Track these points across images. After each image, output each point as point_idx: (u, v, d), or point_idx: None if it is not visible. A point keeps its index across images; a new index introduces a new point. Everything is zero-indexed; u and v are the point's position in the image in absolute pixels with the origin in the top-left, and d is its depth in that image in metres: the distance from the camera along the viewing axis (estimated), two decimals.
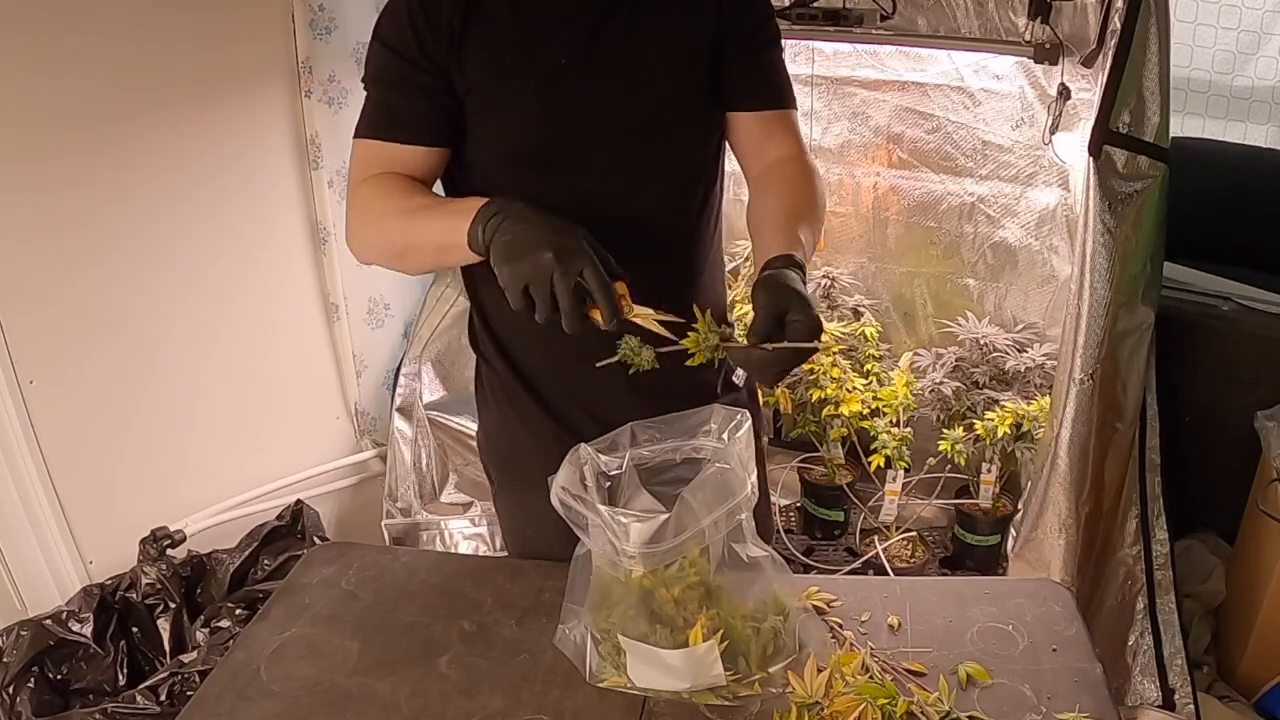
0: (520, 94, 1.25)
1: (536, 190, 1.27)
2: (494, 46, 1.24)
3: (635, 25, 1.27)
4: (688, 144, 1.35)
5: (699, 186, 1.37)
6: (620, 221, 1.29)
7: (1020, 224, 2.33)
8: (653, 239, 1.32)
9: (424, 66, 1.24)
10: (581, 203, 1.28)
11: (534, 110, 1.26)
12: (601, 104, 1.27)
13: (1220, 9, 2.49)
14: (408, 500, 2.60)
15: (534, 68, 1.25)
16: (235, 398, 2.31)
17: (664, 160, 1.33)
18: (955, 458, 2.24)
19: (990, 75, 2.25)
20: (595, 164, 1.28)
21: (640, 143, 1.30)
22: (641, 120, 1.29)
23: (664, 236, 1.35)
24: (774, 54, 1.37)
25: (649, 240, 1.31)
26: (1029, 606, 1.27)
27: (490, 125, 1.27)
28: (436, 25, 1.23)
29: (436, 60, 1.24)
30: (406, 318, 2.66)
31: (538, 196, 1.26)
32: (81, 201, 1.98)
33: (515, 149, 1.28)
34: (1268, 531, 2.06)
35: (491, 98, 1.25)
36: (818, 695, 1.09)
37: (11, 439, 1.93)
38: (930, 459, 2.33)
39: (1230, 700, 2.14)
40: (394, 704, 1.15)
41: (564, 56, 1.25)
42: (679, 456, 1.15)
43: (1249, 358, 2.24)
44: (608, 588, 1.12)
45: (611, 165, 1.29)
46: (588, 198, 1.29)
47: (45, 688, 1.88)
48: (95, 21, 1.91)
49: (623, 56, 1.27)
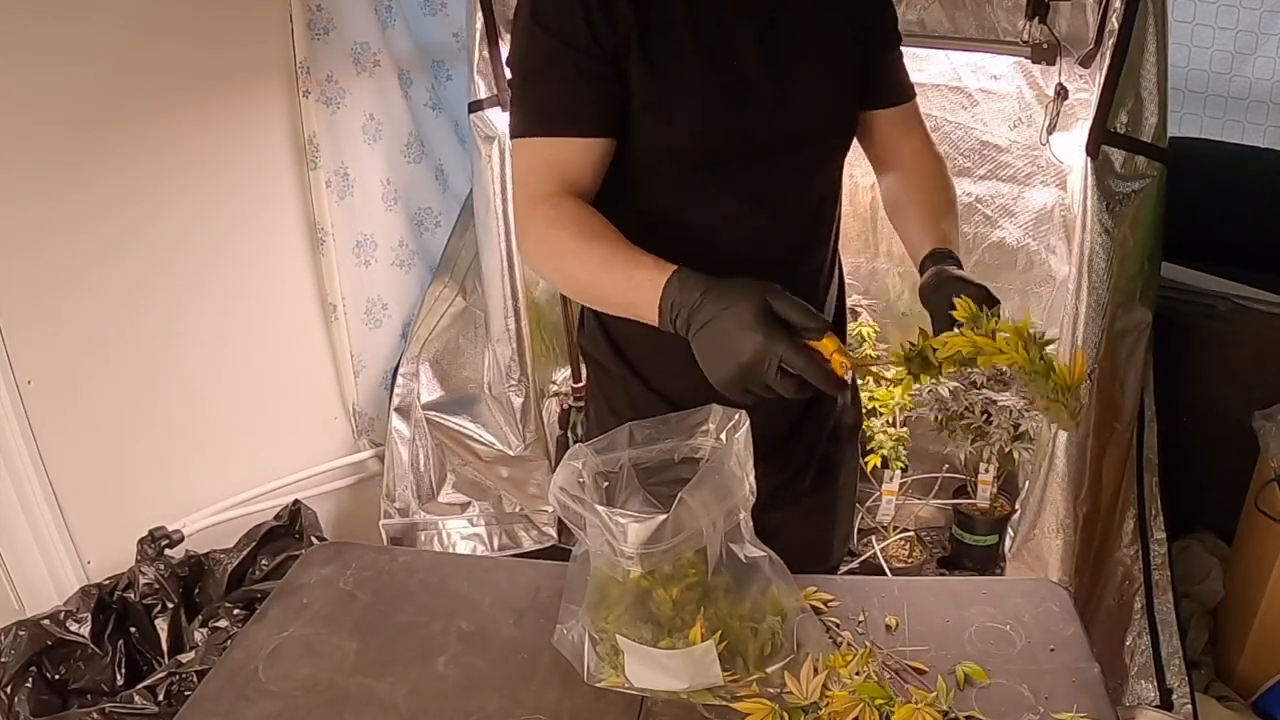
0: (694, 96, 1.22)
1: (696, 195, 1.27)
2: (672, 43, 1.21)
3: (796, 29, 1.27)
4: (841, 147, 1.38)
5: (841, 188, 1.41)
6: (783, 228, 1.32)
7: (1018, 224, 2.33)
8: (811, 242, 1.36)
9: (596, 54, 1.18)
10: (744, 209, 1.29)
11: (706, 114, 1.23)
12: (772, 111, 1.26)
13: (1218, 9, 2.49)
14: (405, 500, 2.60)
15: (712, 67, 1.23)
16: (233, 398, 2.31)
17: (823, 165, 1.35)
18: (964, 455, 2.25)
19: (988, 75, 2.25)
20: (760, 170, 1.28)
21: (805, 149, 1.31)
22: (811, 124, 1.30)
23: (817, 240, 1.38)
24: (899, 52, 1.42)
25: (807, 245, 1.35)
26: (1027, 606, 1.27)
27: (661, 124, 1.23)
28: (611, 15, 1.18)
29: (610, 50, 1.18)
30: (404, 318, 2.66)
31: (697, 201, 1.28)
32: (78, 202, 1.97)
33: (690, 148, 1.25)
34: (1266, 531, 2.06)
35: (665, 97, 1.22)
36: (814, 697, 1.09)
37: (10, 439, 1.93)
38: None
39: (1228, 700, 2.14)
40: (392, 704, 1.15)
41: (736, 58, 1.24)
42: (677, 456, 1.14)
43: (1247, 358, 2.25)
44: (606, 588, 1.12)
45: (776, 172, 1.29)
46: (757, 200, 1.29)
47: (43, 688, 1.87)
48: (92, 21, 1.91)
49: (789, 60, 1.27)
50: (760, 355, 1.00)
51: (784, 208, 1.31)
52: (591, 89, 1.19)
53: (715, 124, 1.24)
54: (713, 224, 1.28)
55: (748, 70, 1.24)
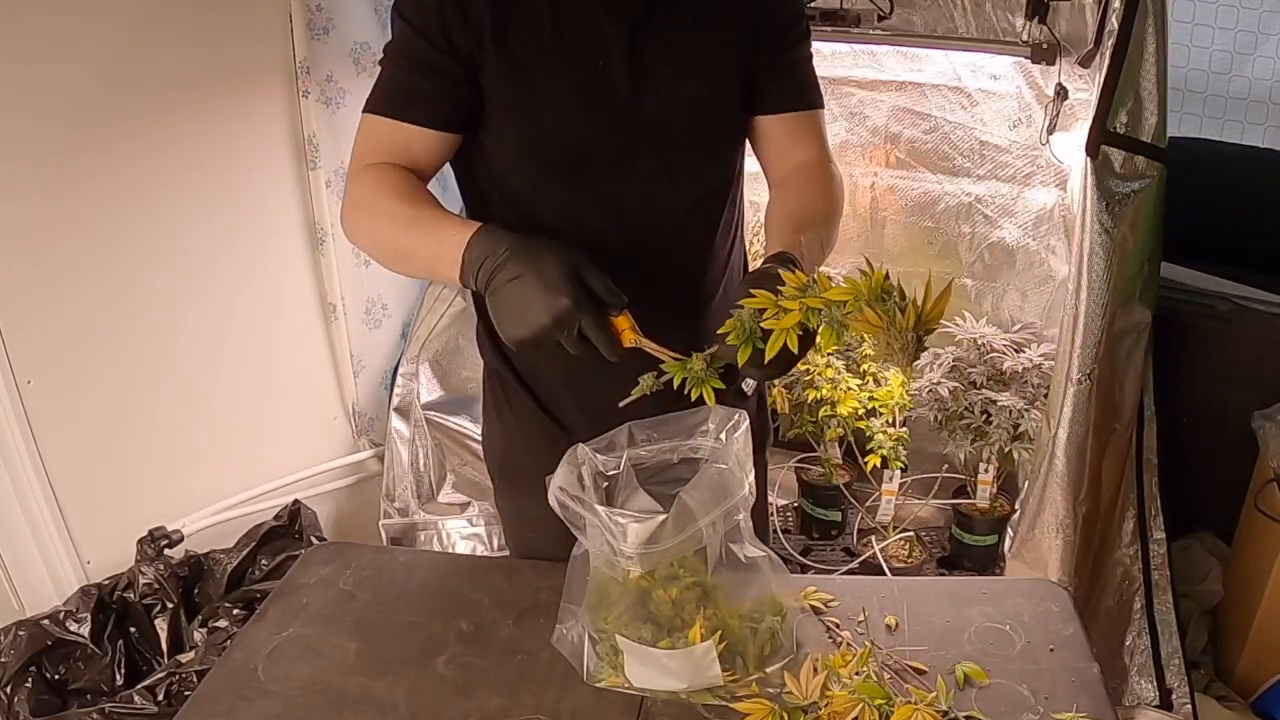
0: (557, 96, 1.22)
1: (555, 193, 1.26)
2: (530, 45, 1.21)
3: (671, 29, 1.24)
4: (720, 151, 1.33)
5: (726, 195, 1.35)
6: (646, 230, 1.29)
7: (1018, 224, 2.34)
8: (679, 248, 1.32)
9: (447, 52, 1.19)
10: (609, 209, 1.27)
11: (570, 113, 1.23)
12: (639, 110, 1.24)
13: (1217, 9, 2.49)
14: (405, 500, 2.60)
15: (574, 68, 1.22)
16: (233, 398, 2.31)
17: (697, 168, 1.30)
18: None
19: (988, 75, 2.25)
20: (628, 171, 1.26)
21: (676, 150, 1.27)
22: (680, 128, 1.26)
23: (690, 246, 1.33)
24: (803, 52, 1.34)
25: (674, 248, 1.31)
26: (1026, 606, 1.27)
27: (520, 125, 1.23)
28: (466, 15, 1.19)
29: (462, 50, 1.20)
30: (404, 318, 2.66)
31: (556, 200, 1.26)
32: (77, 201, 1.97)
33: (545, 151, 1.25)
34: (1265, 531, 2.06)
35: (524, 97, 1.22)
36: (814, 697, 1.09)
37: (9, 439, 1.92)
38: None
39: (1227, 700, 2.14)
40: (391, 704, 1.15)
41: (602, 59, 1.22)
42: (676, 457, 1.15)
43: (1246, 358, 2.25)
44: (605, 588, 1.12)
45: (645, 173, 1.26)
46: (616, 205, 1.27)
47: (43, 688, 1.87)
48: (92, 20, 1.91)
49: (660, 61, 1.24)
50: (566, 319, 1.03)
51: (650, 211, 1.28)
52: (436, 84, 1.21)
53: (572, 123, 1.23)
54: (575, 226, 1.26)
55: (612, 71, 1.22)
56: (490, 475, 1.55)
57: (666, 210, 1.29)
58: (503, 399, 1.44)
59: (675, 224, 1.31)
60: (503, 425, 1.46)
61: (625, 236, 1.28)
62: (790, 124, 1.33)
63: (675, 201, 1.30)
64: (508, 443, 1.46)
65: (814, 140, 1.36)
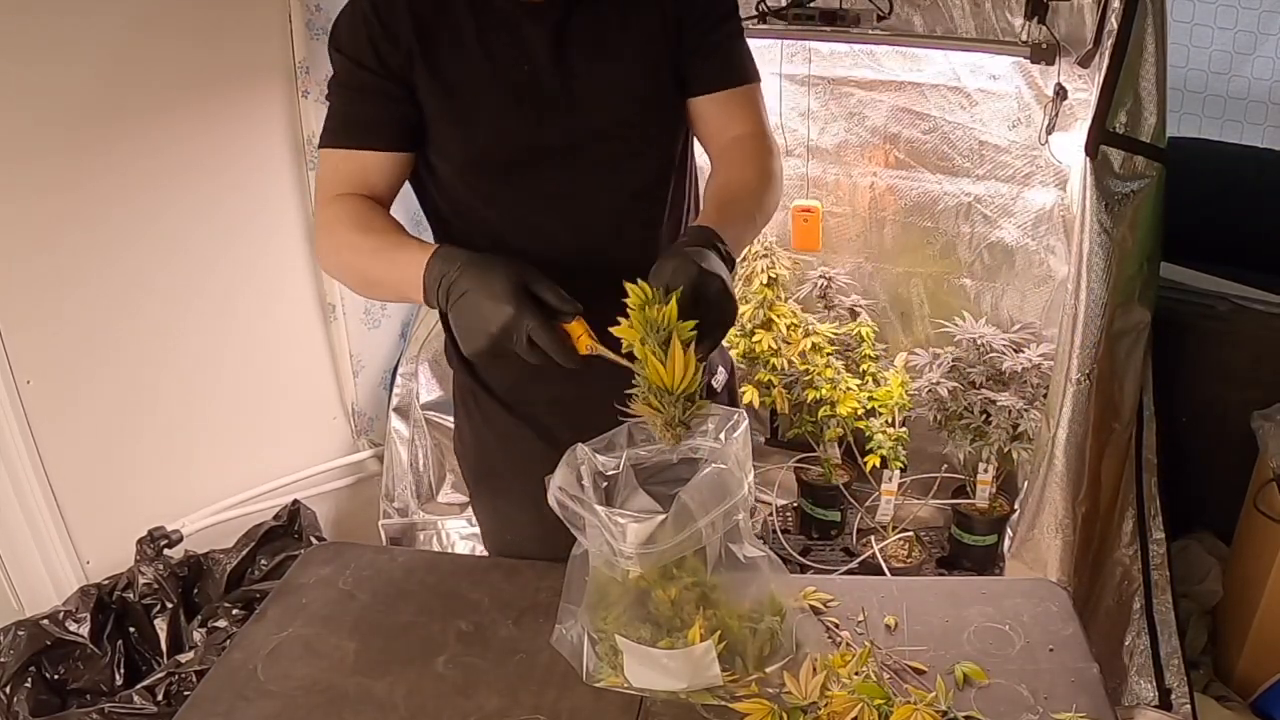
0: (488, 103, 1.25)
1: (502, 199, 1.29)
2: (456, 57, 1.24)
3: (595, 25, 1.26)
4: (657, 140, 1.34)
5: (669, 182, 1.36)
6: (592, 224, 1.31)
7: (1017, 224, 2.34)
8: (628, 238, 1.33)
9: (383, 75, 1.23)
10: (550, 208, 1.29)
11: (503, 119, 1.25)
12: (569, 110, 1.26)
13: (1217, 9, 2.50)
14: (405, 500, 2.60)
15: (502, 73, 1.24)
16: (232, 398, 2.31)
17: (634, 159, 1.32)
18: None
19: (987, 75, 2.25)
20: (563, 170, 1.28)
21: (610, 144, 1.29)
22: (614, 119, 1.28)
23: (638, 235, 1.34)
24: (729, 30, 1.34)
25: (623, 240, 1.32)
26: (1026, 606, 1.27)
27: (453, 135, 1.26)
28: (392, 35, 1.22)
29: (393, 69, 1.23)
30: (403, 318, 2.66)
31: (503, 205, 1.29)
32: (77, 201, 1.97)
33: (479, 158, 1.28)
34: (1264, 531, 2.06)
35: (454, 108, 1.25)
36: (813, 697, 1.09)
37: (9, 439, 1.92)
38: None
39: (1227, 700, 2.14)
40: (391, 704, 1.15)
41: (528, 63, 1.24)
42: (676, 456, 1.14)
43: (1246, 358, 2.25)
44: (605, 588, 1.12)
45: (580, 170, 1.29)
46: (556, 203, 1.29)
47: (42, 688, 1.87)
48: (92, 20, 1.91)
49: (586, 57, 1.26)
50: (510, 327, 1.05)
51: (592, 204, 1.30)
52: (379, 108, 1.25)
53: (506, 127, 1.26)
54: (526, 230, 1.30)
55: (540, 72, 1.25)
56: (465, 482, 1.57)
57: (610, 203, 1.32)
58: (473, 406, 1.46)
59: (622, 213, 1.33)
60: (473, 430, 1.48)
61: (575, 236, 1.30)
62: (723, 102, 1.33)
63: (619, 192, 1.32)
64: (480, 447, 1.49)
65: (749, 115, 1.35)
